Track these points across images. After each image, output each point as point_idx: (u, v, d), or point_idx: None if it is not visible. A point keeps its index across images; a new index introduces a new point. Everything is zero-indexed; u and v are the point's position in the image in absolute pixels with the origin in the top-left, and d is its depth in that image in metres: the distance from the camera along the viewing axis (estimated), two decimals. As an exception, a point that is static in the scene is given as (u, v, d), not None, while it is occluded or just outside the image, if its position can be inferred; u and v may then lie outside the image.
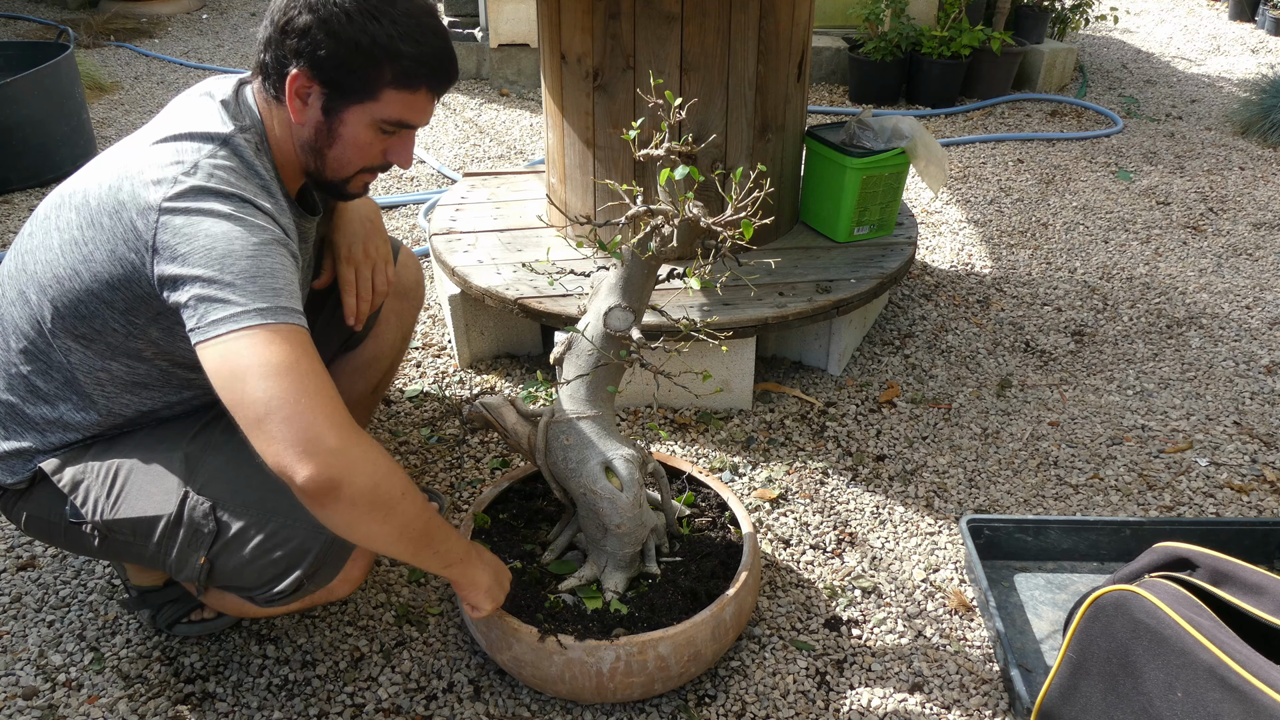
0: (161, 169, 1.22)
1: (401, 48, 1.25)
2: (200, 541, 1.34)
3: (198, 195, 1.20)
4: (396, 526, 1.23)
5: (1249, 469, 2.09)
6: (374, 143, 1.34)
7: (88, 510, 1.37)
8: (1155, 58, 5.29)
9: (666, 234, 1.44)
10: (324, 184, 1.40)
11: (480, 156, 3.80)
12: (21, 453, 1.39)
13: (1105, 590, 1.35)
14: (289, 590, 1.35)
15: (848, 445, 2.15)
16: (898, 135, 2.35)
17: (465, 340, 2.41)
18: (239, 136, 1.28)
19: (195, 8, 6.05)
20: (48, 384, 1.36)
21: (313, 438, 1.13)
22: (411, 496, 1.24)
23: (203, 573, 1.36)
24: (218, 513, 1.34)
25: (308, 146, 1.33)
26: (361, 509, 1.18)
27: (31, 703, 1.54)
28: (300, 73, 1.26)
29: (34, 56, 3.57)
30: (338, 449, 1.14)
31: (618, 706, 1.54)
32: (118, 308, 1.27)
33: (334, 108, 1.29)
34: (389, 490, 1.20)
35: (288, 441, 1.13)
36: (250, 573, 1.35)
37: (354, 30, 1.23)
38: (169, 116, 1.32)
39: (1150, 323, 2.65)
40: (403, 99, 1.30)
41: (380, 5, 1.24)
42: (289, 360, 1.14)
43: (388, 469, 1.20)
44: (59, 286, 1.29)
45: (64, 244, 1.28)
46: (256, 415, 1.13)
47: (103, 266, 1.25)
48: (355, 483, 1.15)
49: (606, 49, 2.17)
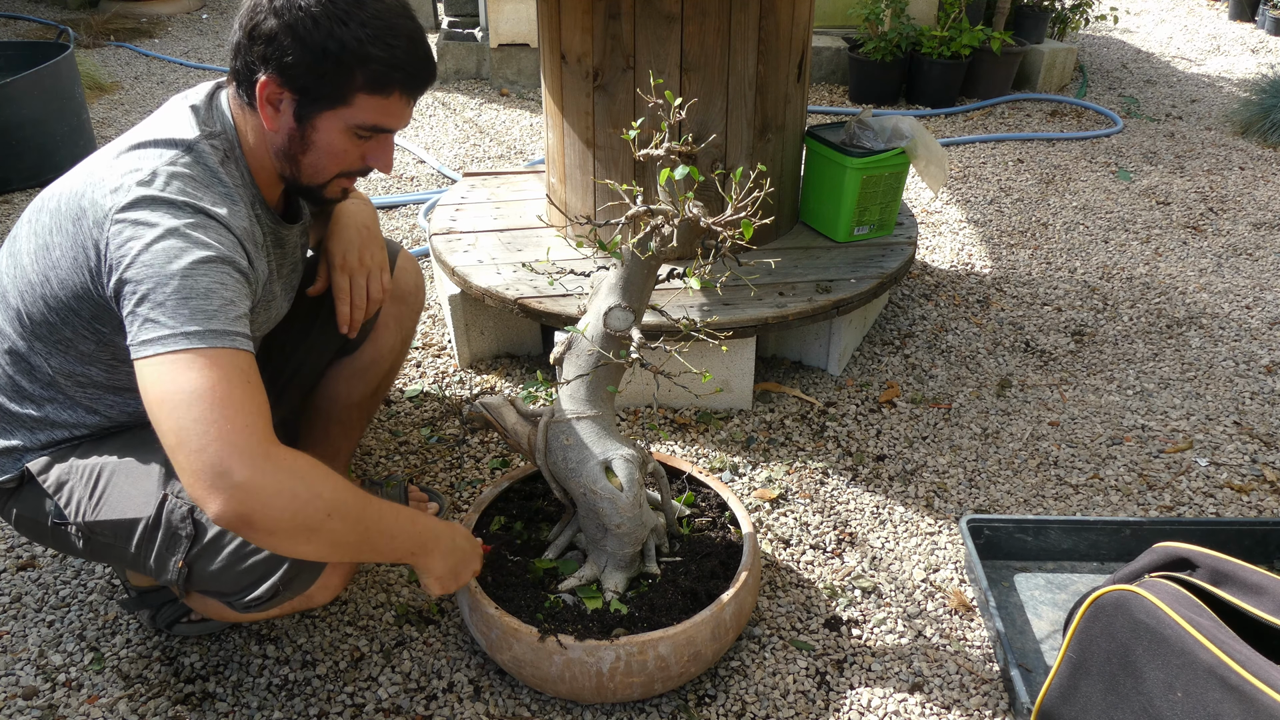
0: (121, 176, 1.20)
1: (371, 51, 1.23)
2: (178, 545, 1.33)
3: (148, 205, 1.18)
4: (325, 544, 1.20)
5: (1249, 469, 2.09)
6: (350, 148, 1.32)
7: (70, 511, 1.37)
8: (1155, 58, 5.29)
9: (666, 234, 1.44)
10: (300, 190, 1.39)
11: (480, 156, 3.80)
12: (10, 450, 1.39)
13: (1105, 590, 1.35)
14: (265, 596, 1.34)
15: (848, 445, 2.15)
16: (898, 135, 2.35)
17: (465, 340, 2.41)
18: (204, 143, 1.27)
19: (195, 8, 6.05)
20: (32, 385, 1.35)
21: (220, 472, 1.10)
22: (342, 514, 1.19)
23: (181, 576, 1.35)
24: (196, 515, 1.33)
25: (282, 153, 1.32)
26: (281, 536, 1.16)
27: (31, 703, 1.54)
28: (269, 79, 1.24)
29: (34, 56, 3.57)
30: (244, 483, 1.10)
31: (618, 706, 1.54)
32: (84, 315, 1.27)
33: (306, 114, 1.27)
34: (309, 516, 1.16)
35: (196, 474, 1.11)
36: (228, 578, 1.34)
37: (321, 35, 1.21)
38: (147, 122, 1.31)
39: (1150, 323, 2.65)
40: (376, 103, 1.28)
41: (348, 8, 1.22)
42: (204, 387, 1.12)
43: (308, 494, 1.16)
44: (33, 292, 1.28)
45: (37, 249, 1.28)
46: (170, 445, 1.13)
47: (67, 274, 1.24)
48: (268, 515, 1.13)
49: (606, 49, 2.17)
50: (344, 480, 1.23)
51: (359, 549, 1.28)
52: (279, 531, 1.15)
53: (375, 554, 1.32)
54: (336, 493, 1.19)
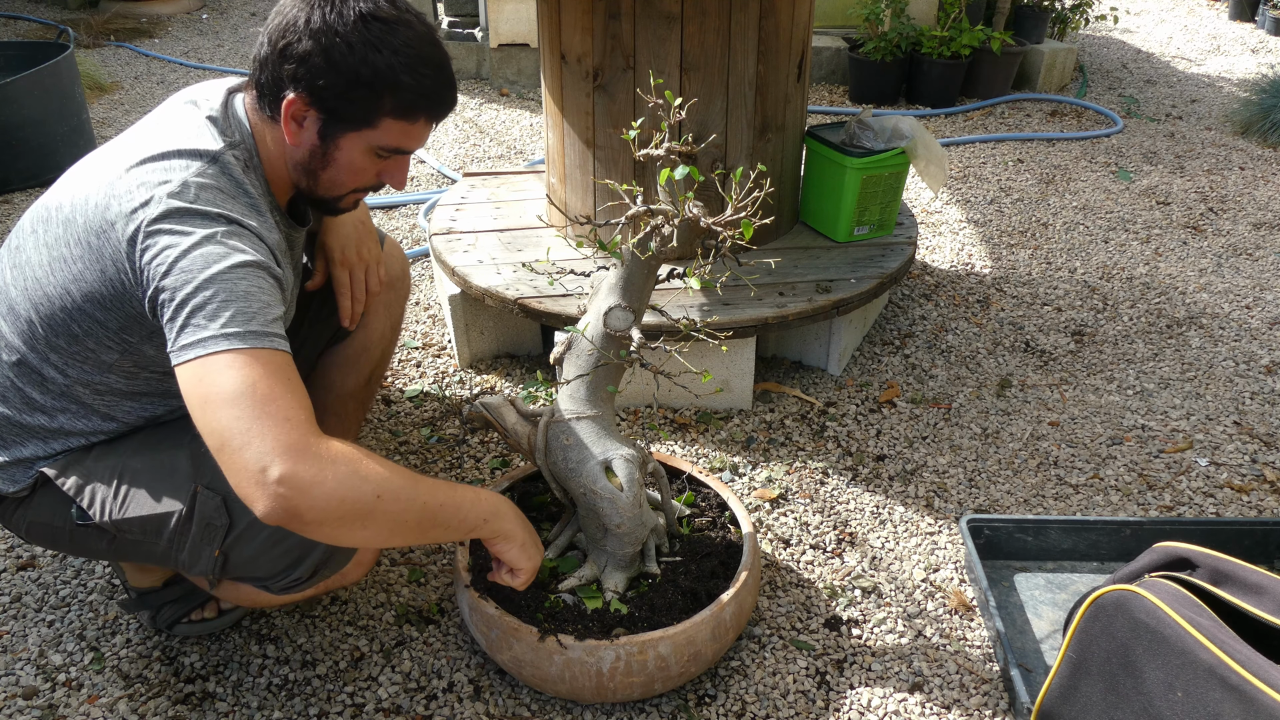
0: (149, 189, 1.20)
1: (402, 79, 1.25)
2: (213, 535, 1.35)
3: (181, 216, 1.19)
4: (384, 527, 1.21)
5: (1249, 469, 2.09)
6: (368, 166, 1.34)
7: (95, 511, 1.37)
8: (1155, 58, 5.29)
9: (666, 234, 1.44)
10: (314, 201, 1.40)
11: (480, 156, 3.80)
12: (22, 461, 1.39)
13: (1105, 590, 1.35)
14: (304, 576, 1.37)
15: (848, 445, 2.15)
16: (898, 135, 2.35)
17: (465, 340, 2.41)
18: (228, 154, 1.27)
19: (195, 8, 6.05)
20: (44, 396, 1.35)
21: (261, 468, 1.11)
22: (393, 495, 1.19)
23: (217, 565, 1.36)
24: (230, 505, 1.34)
25: (301, 166, 1.33)
26: (331, 526, 1.16)
27: (31, 703, 1.54)
28: (298, 98, 1.25)
29: (34, 56, 3.57)
30: (287, 478, 1.11)
31: (618, 706, 1.54)
32: (110, 327, 1.27)
33: (330, 133, 1.29)
34: (357, 501, 1.16)
35: (240, 472, 1.12)
36: (265, 562, 1.36)
37: (355, 61, 1.22)
38: (156, 129, 1.31)
39: (1150, 323, 2.65)
40: (401, 128, 1.30)
41: (383, 35, 1.23)
42: (245, 386, 1.13)
43: (354, 478, 1.16)
44: (50, 305, 1.28)
45: (53, 261, 1.27)
46: (214, 445, 1.14)
47: (93, 286, 1.24)
48: (314, 506, 1.13)
49: (606, 49, 2.17)
50: (391, 463, 1.22)
51: (424, 529, 1.26)
52: (328, 521, 1.15)
53: (445, 531, 1.30)
54: (382, 475, 1.19)
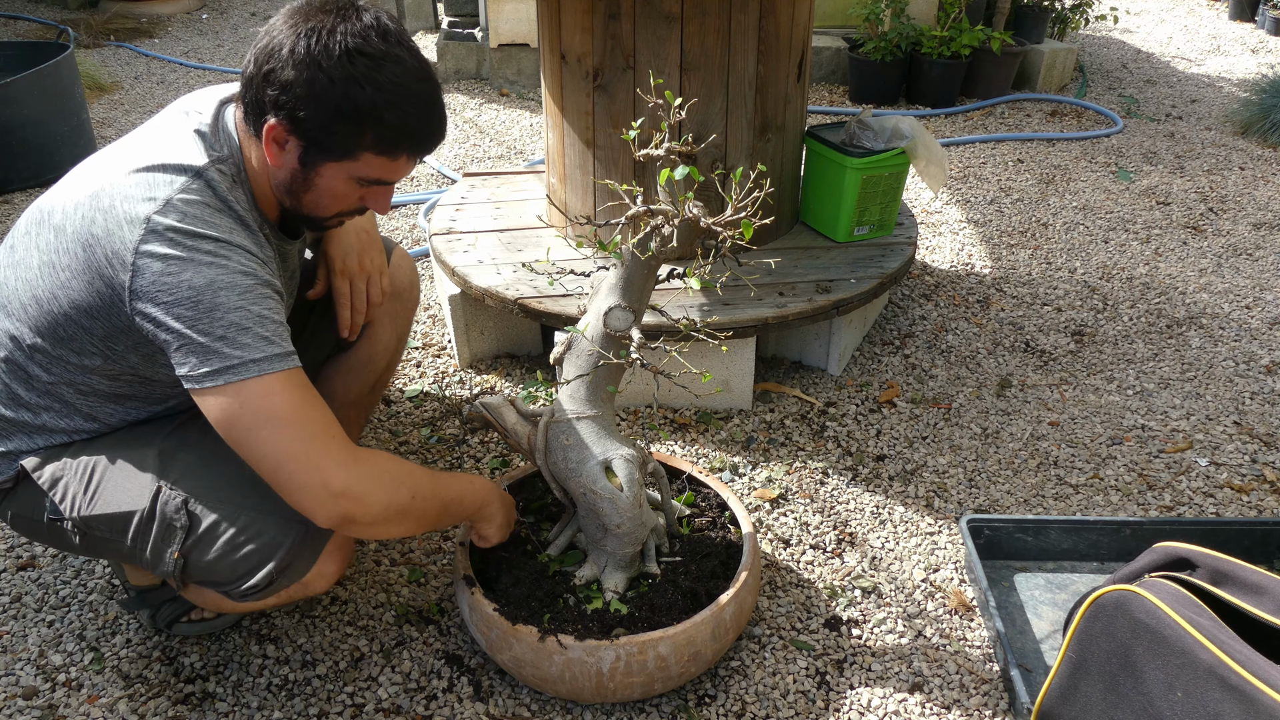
0: (135, 204, 1.20)
1: (385, 116, 1.23)
2: (173, 536, 1.35)
3: (173, 238, 1.19)
4: (415, 522, 1.36)
5: (1249, 469, 2.09)
6: (350, 193, 1.33)
7: (66, 507, 1.37)
8: (1155, 58, 5.29)
9: (666, 234, 1.44)
10: (300, 218, 1.39)
11: (480, 156, 3.80)
12: (6, 454, 1.40)
13: (1105, 590, 1.35)
14: (261, 585, 1.35)
15: (848, 445, 2.15)
16: (898, 135, 2.35)
17: (465, 340, 2.41)
18: (214, 169, 1.27)
19: (195, 8, 6.05)
20: (29, 393, 1.36)
21: (321, 483, 1.23)
22: (421, 494, 1.34)
23: (177, 567, 1.36)
24: (190, 506, 1.34)
25: (283, 187, 1.32)
26: (379, 526, 1.31)
27: (31, 703, 1.54)
28: (279, 124, 1.23)
29: (34, 56, 3.57)
30: (345, 488, 1.24)
31: (618, 706, 1.54)
32: (96, 334, 1.28)
33: (311, 161, 1.27)
34: (399, 502, 1.31)
35: (300, 490, 1.23)
36: (223, 567, 1.35)
37: (337, 95, 1.20)
38: (148, 139, 1.30)
39: (1150, 323, 2.65)
40: (381, 162, 1.28)
41: (367, 71, 1.20)
42: (288, 410, 1.21)
43: (394, 483, 1.30)
44: (38, 307, 1.29)
45: (42, 265, 1.28)
46: (268, 469, 1.23)
47: (80, 295, 1.24)
48: (368, 511, 1.27)
49: (606, 49, 2.17)
50: (409, 462, 1.37)
51: (439, 518, 1.42)
52: (378, 522, 1.30)
53: (451, 519, 1.46)
54: (413, 476, 1.35)
